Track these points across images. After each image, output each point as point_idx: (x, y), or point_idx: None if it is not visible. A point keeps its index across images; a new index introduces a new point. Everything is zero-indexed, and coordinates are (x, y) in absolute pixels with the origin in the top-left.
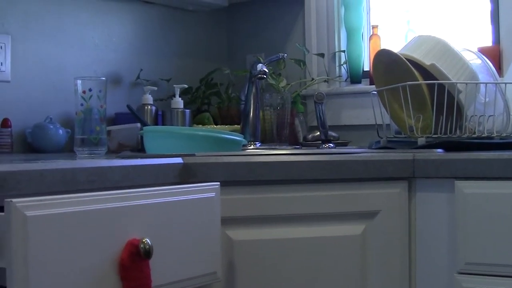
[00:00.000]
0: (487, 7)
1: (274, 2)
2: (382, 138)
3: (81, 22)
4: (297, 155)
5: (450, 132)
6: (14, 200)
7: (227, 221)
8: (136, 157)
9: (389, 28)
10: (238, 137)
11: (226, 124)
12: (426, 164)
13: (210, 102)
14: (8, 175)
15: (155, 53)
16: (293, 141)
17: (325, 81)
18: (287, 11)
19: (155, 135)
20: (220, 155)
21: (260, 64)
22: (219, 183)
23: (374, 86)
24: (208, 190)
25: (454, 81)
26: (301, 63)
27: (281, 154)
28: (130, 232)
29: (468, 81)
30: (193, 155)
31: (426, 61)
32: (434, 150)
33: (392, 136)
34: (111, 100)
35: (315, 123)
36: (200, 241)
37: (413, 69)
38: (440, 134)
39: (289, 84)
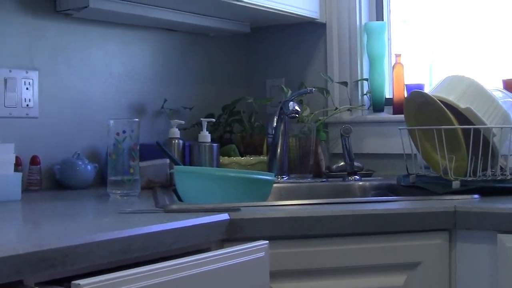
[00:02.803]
0: None
1: (295, 28)
2: (411, 174)
3: (107, 53)
4: (340, 204)
5: (484, 175)
6: (81, 283)
7: (273, 275)
8: (181, 210)
9: (412, 56)
10: (269, 177)
11: (250, 153)
12: (468, 216)
13: (232, 130)
14: (68, 250)
15: (177, 80)
16: (317, 170)
17: (348, 109)
18: (308, 37)
19: (187, 175)
20: (265, 205)
21: (292, 103)
22: (267, 242)
23: (398, 116)
24: (258, 250)
25: (489, 125)
26: (325, 92)
27: (325, 203)
28: None
29: (503, 126)
30: (239, 209)
31: (461, 104)
32: (471, 196)
33: (422, 172)
34: None
35: (337, 151)
36: None
37: (449, 113)
38: (474, 176)
39: (312, 113)
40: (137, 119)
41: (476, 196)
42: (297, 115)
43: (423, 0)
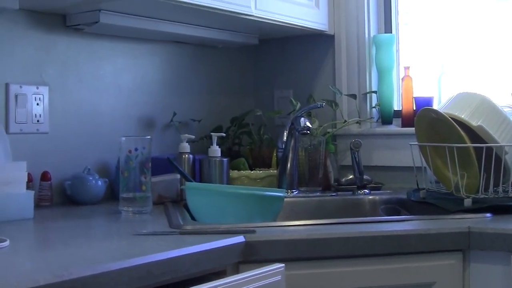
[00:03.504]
0: None
1: (303, 39)
2: (421, 189)
3: (116, 67)
4: (354, 224)
5: (496, 193)
6: None
7: None
8: (196, 232)
9: (421, 69)
10: (280, 194)
11: (258, 166)
12: (482, 237)
13: (241, 142)
14: (88, 280)
15: (186, 92)
16: (326, 183)
17: (357, 122)
18: (316, 49)
19: (198, 192)
20: (279, 226)
21: (303, 119)
22: (284, 265)
23: (406, 128)
24: (274, 274)
25: (502, 144)
26: (333, 104)
27: (339, 223)
28: None
29: None
30: (253, 231)
31: (473, 122)
32: (483, 215)
33: (433, 188)
34: None
35: (345, 163)
36: None
37: (461, 131)
38: (486, 193)
39: (321, 126)
40: (149, 137)
41: (488, 214)
42: (308, 132)
43: (432, 14)
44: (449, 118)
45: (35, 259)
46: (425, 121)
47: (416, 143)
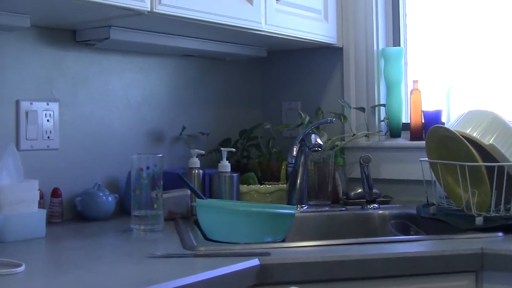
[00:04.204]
0: None
1: (311, 52)
2: (431, 204)
3: (125, 82)
4: (368, 245)
5: (508, 210)
6: None
7: None
8: (210, 254)
9: (429, 81)
10: (291, 211)
11: (267, 179)
12: (495, 258)
13: (249, 155)
14: None
15: (194, 105)
16: (334, 196)
17: (365, 135)
18: (324, 61)
19: (209, 210)
20: (293, 247)
21: (314, 136)
22: None
23: (415, 142)
24: None
25: None
26: (342, 117)
27: (353, 244)
28: None
29: None
30: (268, 254)
31: (485, 141)
32: (495, 234)
33: (443, 204)
34: None
35: (354, 175)
36: None
37: (473, 150)
38: (497, 211)
39: (330, 139)
40: (160, 155)
41: (500, 234)
42: (319, 149)
43: (441, 26)
44: (461, 137)
45: (51, 286)
46: (436, 137)
47: (427, 159)
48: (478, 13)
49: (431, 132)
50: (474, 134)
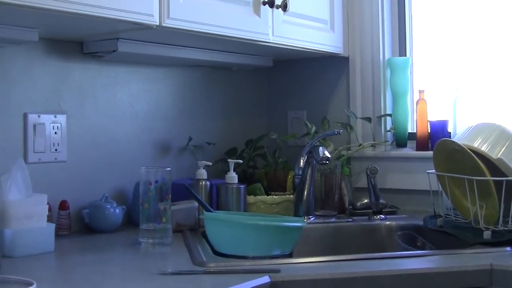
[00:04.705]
0: None
1: (317, 61)
2: (438, 216)
3: (132, 93)
4: (377, 260)
5: None
6: None
7: None
8: (221, 271)
9: (435, 91)
10: (299, 224)
11: (273, 189)
12: (504, 275)
13: (256, 165)
14: None
15: (200, 114)
16: (341, 206)
17: (372, 145)
18: (330, 70)
19: (217, 223)
20: (303, 262)
21: (321, 148)
22: None
23: (421, 152)
24: None
25: None
26: (348, 127)
27: (363, 259)
28: None
29: None
30: (278, 270)
31: (493, 155)
32: (504, 249)
33: (450, 216)
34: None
35: (359, 185)
36: None
37: (481, 164)
38: (505, 225)
39: (336, 149)
40: (169, 168)
41: (508, 248)
42: (327, 162)
43: (447, 36)
44: (469, 151)
45: None
46: (444, 150)
47: (434, 171)
48: (485, 23)
49: (438, 145)
50: (482, 148)
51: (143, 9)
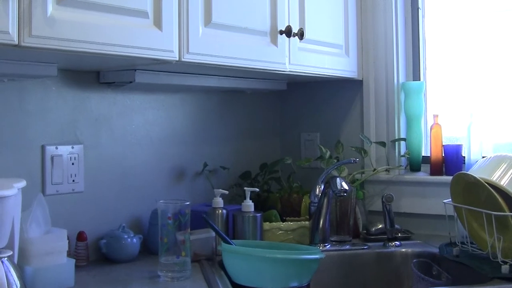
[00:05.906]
0: None
1: (331, 84)
2: (454, 245)
3: (147, 120)
4: None
5: None
6: None
7: None
8: None
9: (449, 114)
10: (316, 256)
11: (288, 213)
12: None
13: (270, 189)
14: None
15: (214, 138)
16: (355, 231)
17: (386, 170)
18: (344, 93)
19: (235, 255)
20: None
21: (339, 179)
22: None
23: (435, 177)
24: None
25: None
26: (362, 151)
27: None
28: None
29: None
30: None
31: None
32: None
33: (466, 246)
34: (177, 195)
35: (373, 208)
36: None
37: (500, 199)
38: None
39: (350, 174)
40: (188, 202)
41: None
42: (345, 194)
43: (462, 62)
44: (488, 186)
45: None
46: (461, 183)
47: (451, 201)
48: (498, 48)
49: (456, 178)
50: (501, 183)
51: (162, 45)
